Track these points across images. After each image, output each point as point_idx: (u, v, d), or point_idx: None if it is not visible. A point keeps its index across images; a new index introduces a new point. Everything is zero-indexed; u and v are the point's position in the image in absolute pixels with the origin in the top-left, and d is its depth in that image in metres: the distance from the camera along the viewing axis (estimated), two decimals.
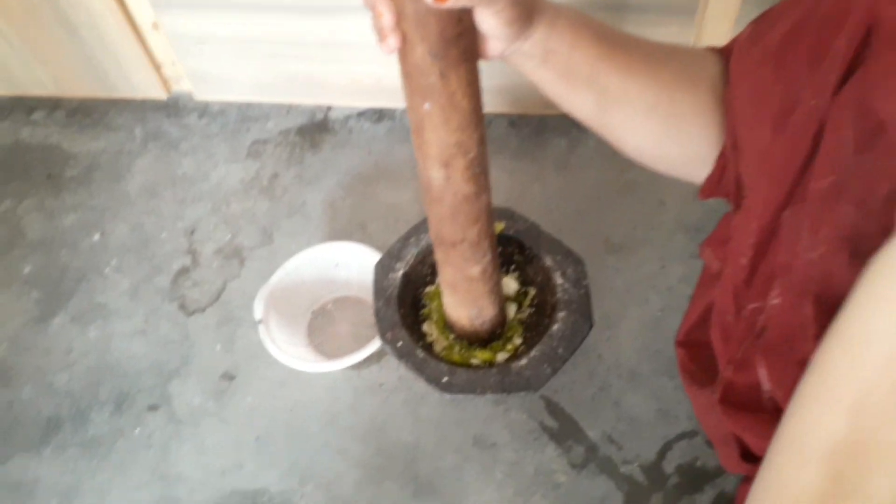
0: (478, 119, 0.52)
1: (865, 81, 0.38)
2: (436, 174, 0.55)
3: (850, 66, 0.40)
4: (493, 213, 0.65)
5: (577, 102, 0.56)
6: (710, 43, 0.81)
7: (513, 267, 0.87)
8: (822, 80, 0.41)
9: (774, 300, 0.43)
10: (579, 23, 0.53)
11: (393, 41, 0.46)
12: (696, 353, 0.59)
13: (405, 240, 0.86)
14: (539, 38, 0.51)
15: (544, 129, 1.23)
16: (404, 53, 0.47)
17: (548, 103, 1.26)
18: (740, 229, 0.49)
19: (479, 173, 0.57)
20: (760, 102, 0.48)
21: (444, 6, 0.42)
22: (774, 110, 0.46)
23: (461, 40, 0.47)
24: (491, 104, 1.20)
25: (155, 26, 1.22)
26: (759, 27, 0.51)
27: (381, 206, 1.18)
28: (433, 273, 0.87)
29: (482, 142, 0.55)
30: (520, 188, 1.17)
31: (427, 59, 0.47)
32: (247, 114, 1.35)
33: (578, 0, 0.99)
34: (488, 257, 0.68)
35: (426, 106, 0.49)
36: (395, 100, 1.26)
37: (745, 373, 0.46)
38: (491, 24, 0.47)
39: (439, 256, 0.69)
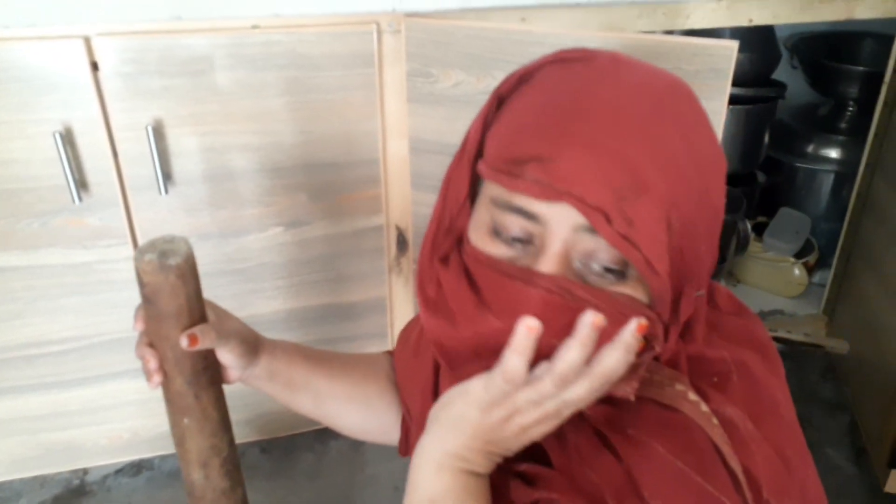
0: (226, 426, 0.70)
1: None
2: (197, 475, 0.70)
3: None
4: None
5: (300, 403, 0.77)
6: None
7: None
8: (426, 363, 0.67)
9: None
10: (292, 349, 0.77)
11: (157, 378, 0.64)
12: None
13: None
14: (264, 363, 0.73)
15: (293, 448, 1.40)
16: (167, 385, 0.66)
17: (293, 424, 1.45)
18: None
19: (233, 470, 0.73)
20: (411, 381, 0.73)
21: (195, 348, 0.63)
22: (417, 381, 0.70)
23: (208, 371, 0.66)
24: (242, 434, 1.36)
25: None
26: (403, 334, 0.79)
27: None
28: None
29: (232, 444, 0.72)
30: None
31: (184, 387, 0.65)
32: None
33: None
34: None
35: (185, 420, 0.67)
36: (153, 449, 1.36)
37: None
38: (227, 358, 0.68)
39: None
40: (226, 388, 0.70)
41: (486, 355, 0.48)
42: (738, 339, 0.55)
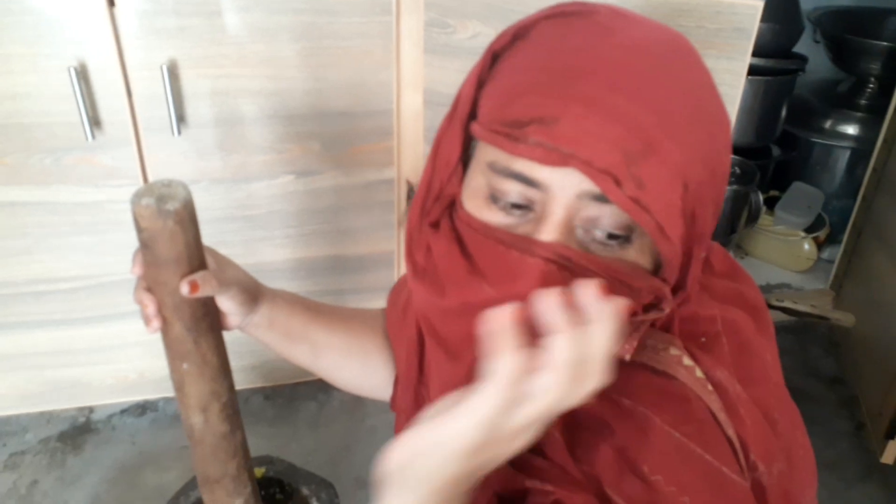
0: (226, 372, 0.68)
1: None
2: (196, 419, 0.68)
3: None
4: (248, 450, 0.77)
5: (298, 353, 0.74)
6: None
7: None
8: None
9: None
10: (292, 299, 0.74)
11: (156, 323, 0.62)
12: None
13: (175, 500, 0.92)
14: (264, 311, 0.70)
15: (296, 396, 1.39)
16: (166, 331, 0.63)
17: (297, 373, 1.43)
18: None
19: (232, 414, 0.70)
20: (399, 339, 0.69)
21: (195, 295, 0.59)
22: (403, 342, 0.67)
23: (207, 317, 0.63)
24: (246, 381, 1.34)
25: None
26: (392, 294, 0.75)
27: (148, 490, 1.21)
28: None
29: (231, 389, 0.69)
30: (277, 451, 1.26)
31: (183, 333, 0.62)
32: (3, 429, 1.32)
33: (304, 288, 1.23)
34: (249, 489, 0.78)
35: (185, 366, 0.64)
36: (159, 390, 1.35)
37: None
38: (227, 305, 0.65)
39: (206, 497, 0.78)
40: (231, 334, 0.67)
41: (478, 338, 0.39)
42: (728, 300, 0.52)
